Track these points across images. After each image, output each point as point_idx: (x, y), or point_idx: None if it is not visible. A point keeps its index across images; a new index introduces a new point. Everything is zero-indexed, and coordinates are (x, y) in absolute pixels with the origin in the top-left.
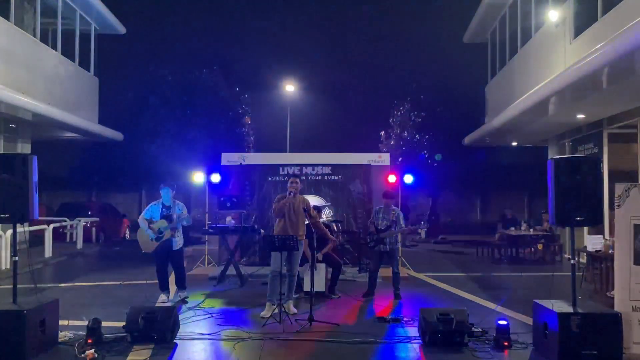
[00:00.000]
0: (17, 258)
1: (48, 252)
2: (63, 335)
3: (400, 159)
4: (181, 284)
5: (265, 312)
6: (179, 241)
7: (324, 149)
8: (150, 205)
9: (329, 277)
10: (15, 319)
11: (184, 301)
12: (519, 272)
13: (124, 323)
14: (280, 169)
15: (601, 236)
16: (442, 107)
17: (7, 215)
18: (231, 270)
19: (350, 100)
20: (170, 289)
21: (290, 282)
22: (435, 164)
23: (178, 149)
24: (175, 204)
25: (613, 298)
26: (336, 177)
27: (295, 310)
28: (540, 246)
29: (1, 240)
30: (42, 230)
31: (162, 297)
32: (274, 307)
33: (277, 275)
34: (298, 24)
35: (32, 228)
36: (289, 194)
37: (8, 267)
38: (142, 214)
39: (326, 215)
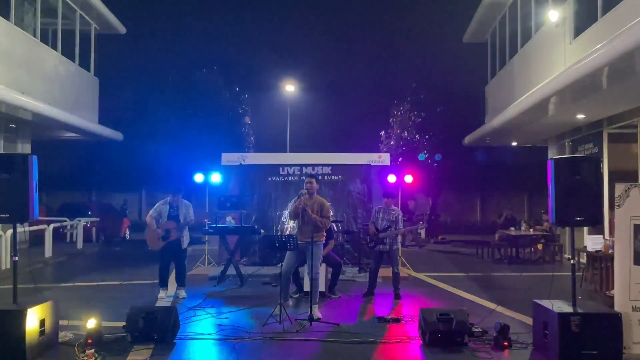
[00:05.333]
0: (17, 258)
1: (48, 252)
2: (63, 335)
3: (400, 159)
4: (182, 282)
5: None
6: (185, 240)
7: (324, 149)
8: (157, 204)
9: (329, 277)
10: (15, 319)
11: (182, 301)
12: (518, 272)
13: (124, 323)
14: (280, 169)
15: (601, 236)
16: (442, 107)
17: (7, 215)
18: (231, 270)
19: (350, 100)
20: (169, 288)
21: (314, 285)
22: (435, 164)
23: (178, 149)
24: (183, 204)
25: (613, 297)
26: (336, 177)
27: (319, 315)
28: (540, 246)
29: (1, 240)
30: (42, 230)
31: (161, 293)
32: (285, 303)
33: (287, 277)
34: (298, 24)
35: (32, 228)
36: (302, 194)
37: (8, 267)
38: (150, 213)
39: None
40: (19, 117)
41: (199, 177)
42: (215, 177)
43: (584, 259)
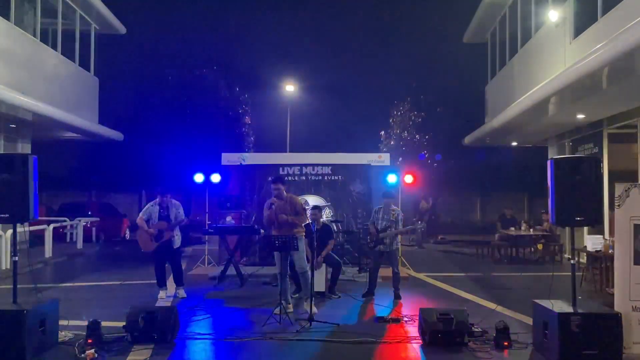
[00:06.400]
0: (17, 258)
1: (48, 252)
2: (63, 335)
3: (400, 159)
4: (179, 281)
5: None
6: (177, 240)
7: (324, 149)
8: (147, 206)
9: (329, 277)
10: (15, 319)
11: (181, 300)
12: (518, 272)
13: (124, 323)
14: (280, 169)
15: (601, 236)
16: (442, 107)
17: (7, 215)
18: (231, 270)
19: (350, 100)
20: (168, 288)
21: (302, 280)
22: (435, 164)
23: (178, 149)
24: (172, 205)
25: (612, 294)
26: (336, 177)
27: (315, 310)
28: (540, 246)
29: (1, 240)
30: (42, 230)
31: (161, 293)
32: (288, 305)
33: (285, 277)
34: (298, 24)
35: (32, 228)
36: (273, 204)
37: (8, 267)
38: (141, 215)
39: (326, 215)
40: (19, 117)
41: (199, 177)
42: (215, 177)
43: (584, 259)
